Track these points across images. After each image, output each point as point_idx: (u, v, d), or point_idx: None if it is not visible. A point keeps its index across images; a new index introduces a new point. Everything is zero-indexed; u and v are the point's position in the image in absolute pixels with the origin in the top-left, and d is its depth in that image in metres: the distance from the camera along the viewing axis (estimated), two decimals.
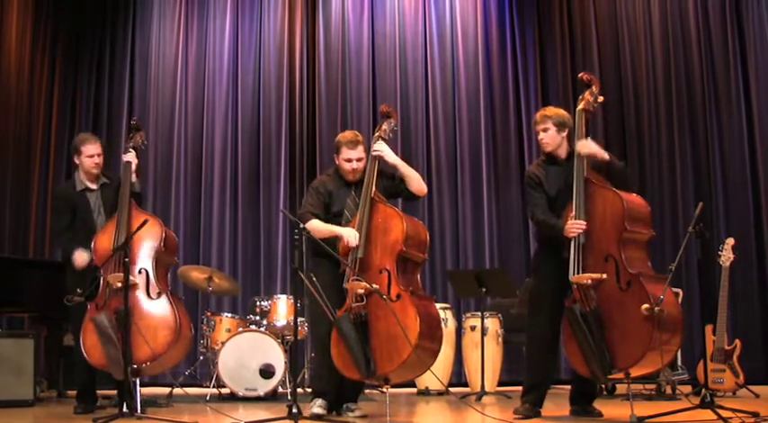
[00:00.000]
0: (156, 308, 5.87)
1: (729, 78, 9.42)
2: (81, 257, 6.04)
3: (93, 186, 6.32)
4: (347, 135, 5.84)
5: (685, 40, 9.67)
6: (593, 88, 5.57)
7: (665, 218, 9.21)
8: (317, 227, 5.53)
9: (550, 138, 5.56)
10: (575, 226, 5.23)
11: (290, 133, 10.25)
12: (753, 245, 8.98)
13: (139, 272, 5.88)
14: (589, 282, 5.15)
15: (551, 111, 5.67)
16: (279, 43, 10.42)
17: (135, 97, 10.55)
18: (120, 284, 5.72)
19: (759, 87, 9.25)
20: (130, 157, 6.23)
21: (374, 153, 5.69)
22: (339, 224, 5.63)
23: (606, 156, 5.42)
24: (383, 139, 5.81)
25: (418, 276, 5.70)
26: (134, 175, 6.26)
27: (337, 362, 5.42)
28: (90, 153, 6.25)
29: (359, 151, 5.74)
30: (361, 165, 5.75)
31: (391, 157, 5.74)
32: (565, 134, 5.57)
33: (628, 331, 5.01)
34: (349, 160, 5.74)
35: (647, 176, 9.44)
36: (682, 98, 9.59)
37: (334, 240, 5.53)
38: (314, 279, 5.32)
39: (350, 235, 5.48)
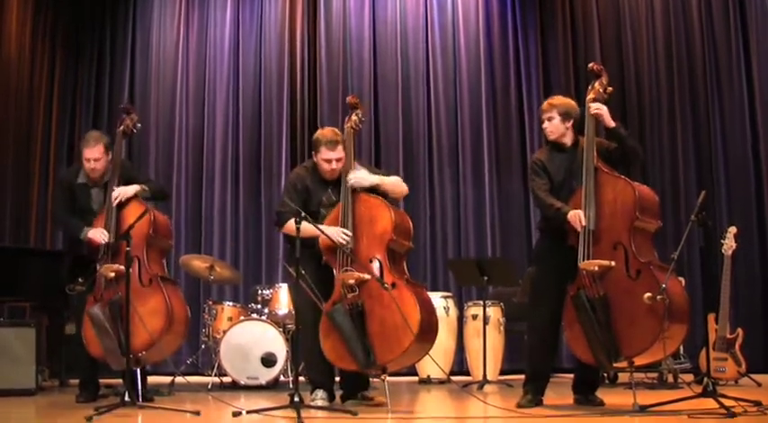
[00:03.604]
0: (147, 295, 5.90)
1: (731, 64, 9.37)
2: (101, 233, 6.01)
3: (93, 184, 6.29)
4: (327, 134, 5.72)
5: (687, 28, 9.61)
6: (603, 79, 5.57)
7: (666, 205, 9.15)
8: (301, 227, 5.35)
9: (554, 127, 5.56)
10: (577, 219, 5.22)
11: (292, 121, 10.22)
12: (755, 233, 8.94)
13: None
14: (596, 269, 5.14)
15: (558, 100, 5.67)
16: (279, 31, 10.38)
17: (136, 86, 10.50)
18: (112, 275, 5.84)
19: (761, 73, 9.18)
20: (118, 192, 6.10)
21: (350, 183, 5.57)
22: (316, 221, 5.52)
23: (612, 123, 5.43)
24: (353, 129, 5.77)
25: (405, 265, 5.70)
26: (138, 188, 6.20)
27: (330, 354, 5.41)
28: (86, 157, 6.20)
29: (338, 151, 5.66)
30: (340, 165, 5.68)
31: (368, 181, 5.64)
32: (569, 124, 5.57)
33: (636, 320, 5.02)
34: (328, 161, 5.67)
35: (649, 164, 9.39)
36: (684, 86, 9.55)
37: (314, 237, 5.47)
38: (303, 272, 5.25)
39: (337, 234, 5.45)
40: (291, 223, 5.42)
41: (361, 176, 5.63)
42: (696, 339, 7.39)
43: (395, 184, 5.81)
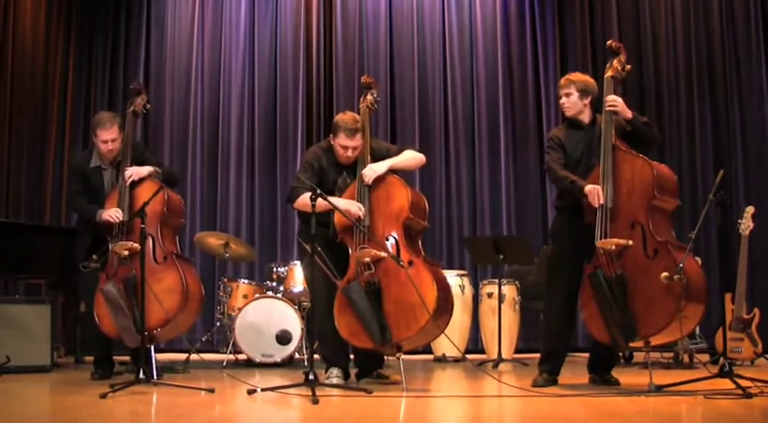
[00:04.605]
0: (161, 272, 5.91)
1: (750, 43, 9.28)
2: (114, 212, 6.01)
3: (107, 166, 6.28)
4: (347, 120, 5.66)
5: (706, 4, 9.53)
6: (621, 56, 5.51)
7: (683, 184, 9.09)
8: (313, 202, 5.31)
9: (571, 103, 5.53)
10: (596, 194, 5.17)
11: (307, 98, 10.18)
12: None
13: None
14: (614, 247, 5.11)
15: (576, 76, 5.63)
16: (295, 8, 10.32)
17: (151, 62, 10.46)
18: (126, 253, 5.85)
19: None
20: (131, 171, 6.11)
21: (367, 182, 5.54)
22: None
23: (629, 114, 5.38)
24: (369, 109, 5.78)
25: (420, 243, 5.68)
26: (152, 169, 6.20)
27: (343, 331, 5.41)
28: (103, 138, 6.16)
29: (356, 140, 5.63)
30: (356, 153, 5.66)
31: (382, 169, 5.60)
32: (587, 100, 5.54)
33: (653, 299, 4.99)
34: (345, 147, 5.65)
35: (666, 142, 9.33)
36: (702, 63, 9.47)
37: (328, 213, 5.48)
38: (318, 249, 5.24)
39: (352, 207, 5.44)
40: (303, 198, 5.41)
41: (373, 170, 5.59)
42: (712, 319, 7.36)
43: (408, 159, 5.80)
